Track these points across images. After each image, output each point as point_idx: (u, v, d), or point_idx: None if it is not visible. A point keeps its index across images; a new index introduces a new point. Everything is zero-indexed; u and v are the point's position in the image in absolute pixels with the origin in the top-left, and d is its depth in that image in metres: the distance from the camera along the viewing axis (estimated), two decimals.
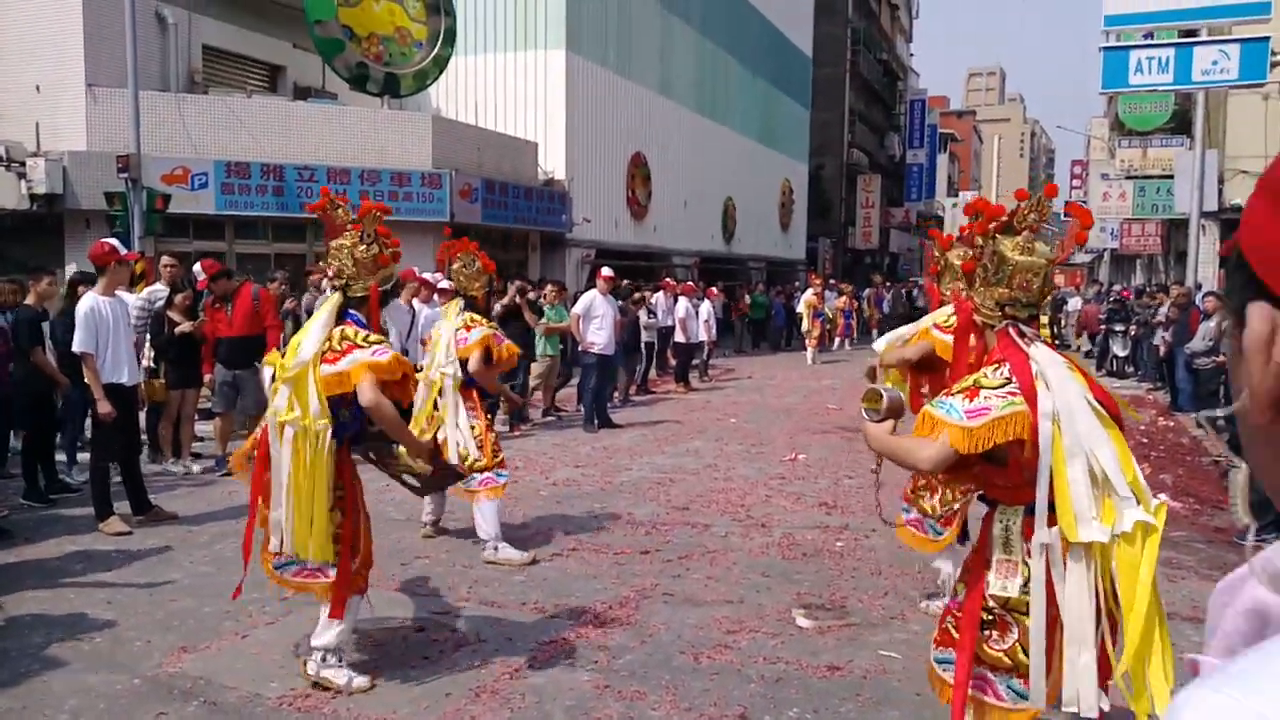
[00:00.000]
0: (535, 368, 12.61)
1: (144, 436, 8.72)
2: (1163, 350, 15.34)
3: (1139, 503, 2.82)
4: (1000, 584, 3.04)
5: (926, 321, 5.00)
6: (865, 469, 9.69)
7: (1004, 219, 3.13)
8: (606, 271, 12.64)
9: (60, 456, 8.65)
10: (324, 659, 4.34)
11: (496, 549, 6.30)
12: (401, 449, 4.57)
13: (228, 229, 15.39)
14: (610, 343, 12.20)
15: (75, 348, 6.79)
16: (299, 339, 4.32)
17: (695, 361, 17.59)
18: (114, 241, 7.27)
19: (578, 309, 12.21)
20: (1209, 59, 14.70)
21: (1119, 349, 18.87)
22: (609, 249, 22.54)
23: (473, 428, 6.50)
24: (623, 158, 23.83)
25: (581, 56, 21.62)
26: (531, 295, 12.77)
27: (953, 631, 3.24)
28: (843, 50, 45.52)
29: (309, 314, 11.08)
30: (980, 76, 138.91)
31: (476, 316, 6.69)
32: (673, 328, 16.77)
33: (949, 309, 4.63)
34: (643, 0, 24.62)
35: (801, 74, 39.15)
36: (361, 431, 4.41)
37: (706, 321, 17.00)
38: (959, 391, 2.97)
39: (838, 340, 25.38)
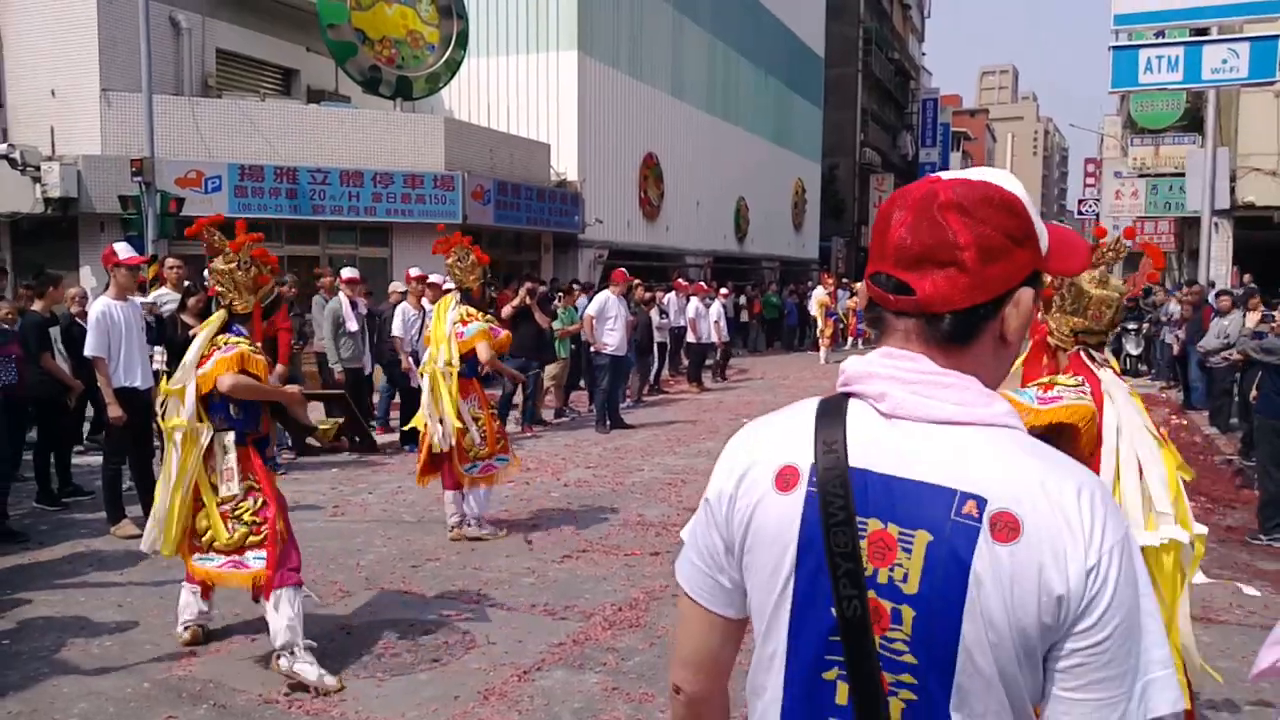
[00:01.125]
0: (550, 369, 12.62)
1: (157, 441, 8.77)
2: (1175, 348, 15.23)
3: (1177, 521, 3.01)
4: None
5: None
6: None
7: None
8: (622, 271, 12.63)
9: (84, 460, 8.74)
10: (291, 654, 4.42)
11: (481, 526, 6.88)
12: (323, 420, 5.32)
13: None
14: (623, 343, 12.20)
15: (87, 351, 6.81)
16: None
17: (709, 362, 17.58)
18: (119, 245, 7.29)
19: (591, 310, 12.20)
20: (1218, 58, 14.62)
21: (1132, 347, 18.75)
22: (621, 249, 22.55)
23: (476, 419, 6.78)
24: (635, 158, 23.83)
25: (593, 58, 21.64)
26: (555, 304, 12.87)
27: None
28: (855, 50, 45.40)
29: (309, 325, 11.14)
30: (993, 75, 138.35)
31: (472, 310, 6.91)
32: (685, 328, 16.76)
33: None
34: (654, 2, 24.62)
35: (814, 74, 39.07)
36: (258, 421, 4.80)
37: (717, 323, 16.97)
38: (1036, 385, 3.19)
39: (850, 339, 25.32)
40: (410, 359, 10.19)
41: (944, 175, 1.21)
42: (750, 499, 1.22)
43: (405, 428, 6.98)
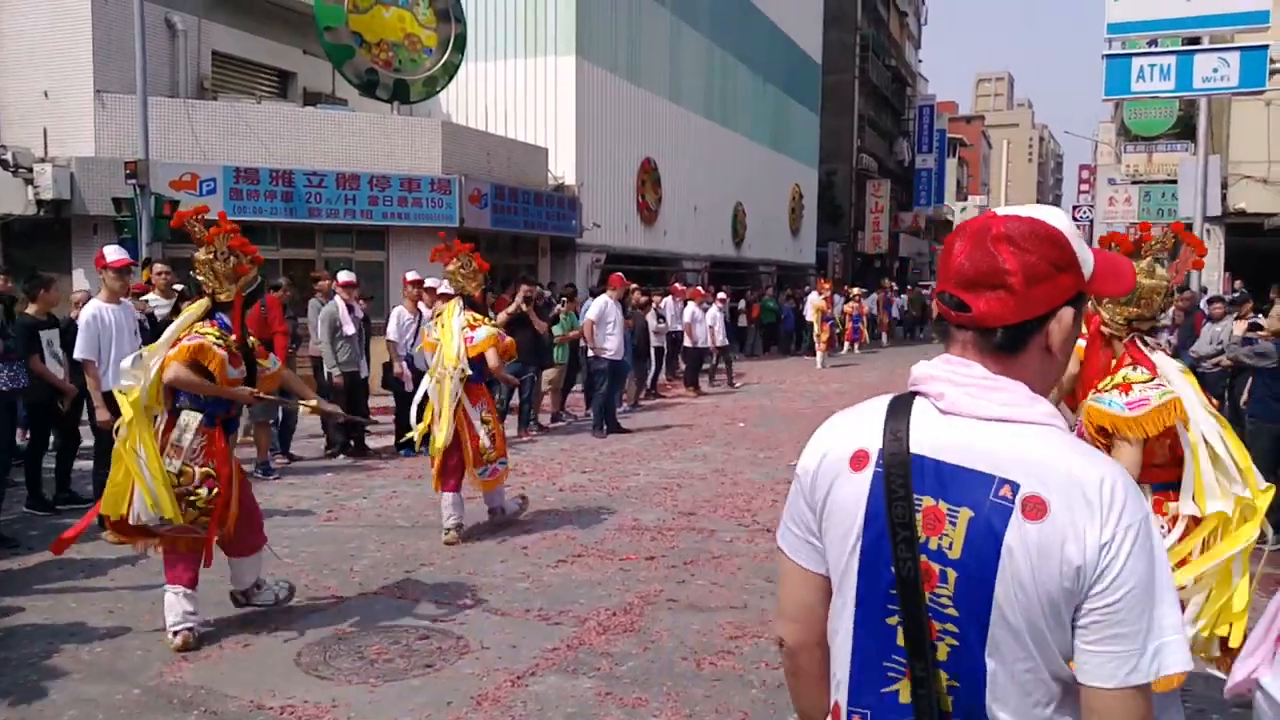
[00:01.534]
0: (548, 373, 12.59)
1: None
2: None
3: (1245, 485, 3.45)
4: None
5: None
6: None
7: (1133, 246, 3.72)
8: (619, 276, 12.59)
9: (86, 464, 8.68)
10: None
11: (504, 511, 7.27)
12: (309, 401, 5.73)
13: None
14: (621, 348, 12.19)
15: (76, 354, 6.78)
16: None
17: (705, 366, 17.55)
18: (109, 248, 7.26)
19: (590, 314, 12.18)
20: (1209, 66, 14.74)
21: None
22: (619, 254, 22.52)
23: (485, 421, 6.94)
24: (633, 163, 23.82)
25: (591, 63, 21.63)
26: (557, 309, 12.84)
27: None
28: (852, 57, 45.43)
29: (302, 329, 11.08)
30: (989, 82, 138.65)
31: (478, 316, 7.12)
32: (682, 332, 16.74)
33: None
34: (652, 7, 24.62)
35: (811, 80, 39.10)
36: (226, 404, 5.10)
37: (713, 327, 16.94)
38: (1112, 388, 3.48)
39: (846, 344, 25.32)
40: (404, 363, 10.15)
41: (999, 211, 1.45)
42: (829, 476, 1.50)
43: (409, 435, 7.03)
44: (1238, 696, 2.05)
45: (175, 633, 4.85)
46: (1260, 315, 10.80)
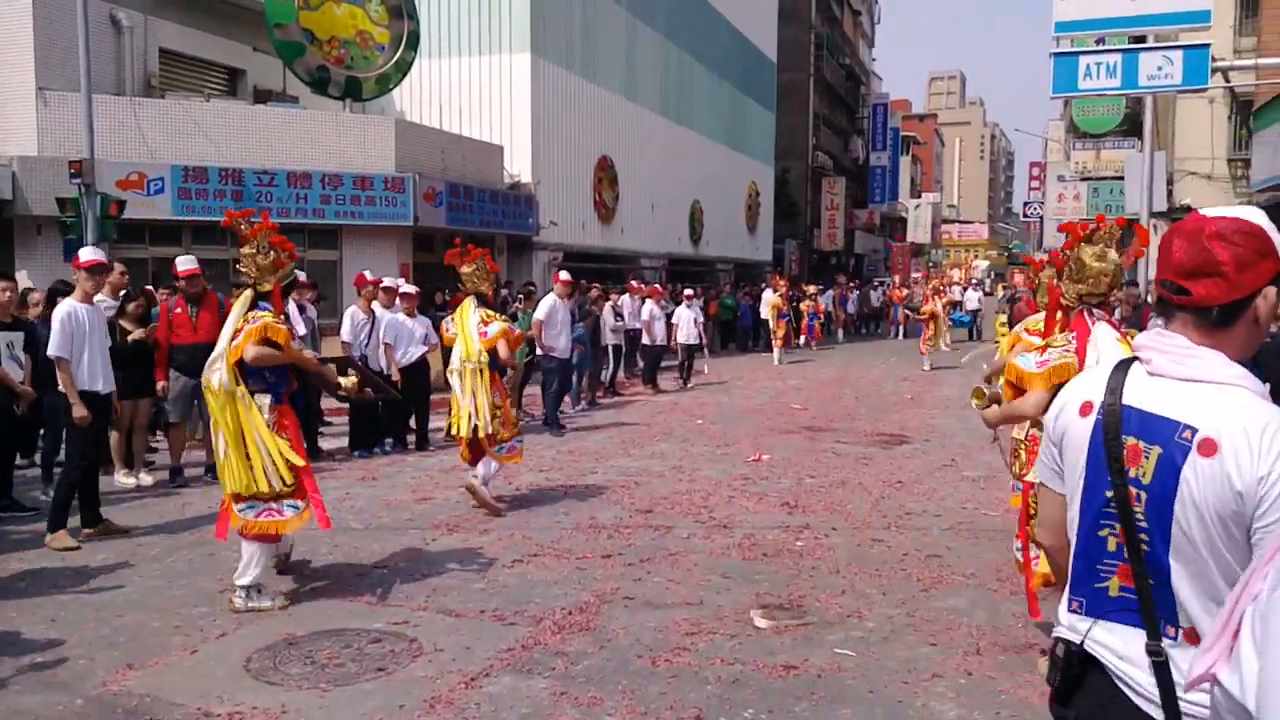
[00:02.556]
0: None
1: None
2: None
3: None
4: None
5: (1019, 328, 6.03)
6: (827, 468, 9.70)
7: (1086, 234, 4.47)
8: (565, 275, 12.52)
9: (33, 471, 8.49)
10: (248, 595, 5.41)
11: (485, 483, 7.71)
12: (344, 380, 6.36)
13: (185, 234, 15.14)
14: (568, 347, 12.21)
15: (51, 351, 6.65)
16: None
17: (675, 363, 17.70)
18: (84, 250, 7.17)
19: (539, 314, 12.13)
20: (1154, 65, 15.02)
21: None
22: (576, 252, 22.44)
23: (499, 407, 7.68)
24: (589, 161, 23.75)
25: (547, 60, 21.51)
26: (515, 307, 12.78)
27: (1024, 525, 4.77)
28: (806, 55, 45.70)
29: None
30: (941, 80, 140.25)
31: (491, 312, 7.86)
32: (640, 330, 16.74)
33: (1038, 316, 5.72)
34: (608, 5, 24.56)
35: (766, 78, 39.26)
36: (298, 387, 5.96)
37: (685, 324, 17.33)
38: (1034, 350, 4.43)
39: (803, 339, 25.48)
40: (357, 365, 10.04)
41: (1208, 212, 1.84)
42: (1065, 421, 2.00)
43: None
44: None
45: (276, 564, 5.95)
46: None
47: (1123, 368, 1.93)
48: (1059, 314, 4.67)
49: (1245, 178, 21.09)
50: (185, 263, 8.85)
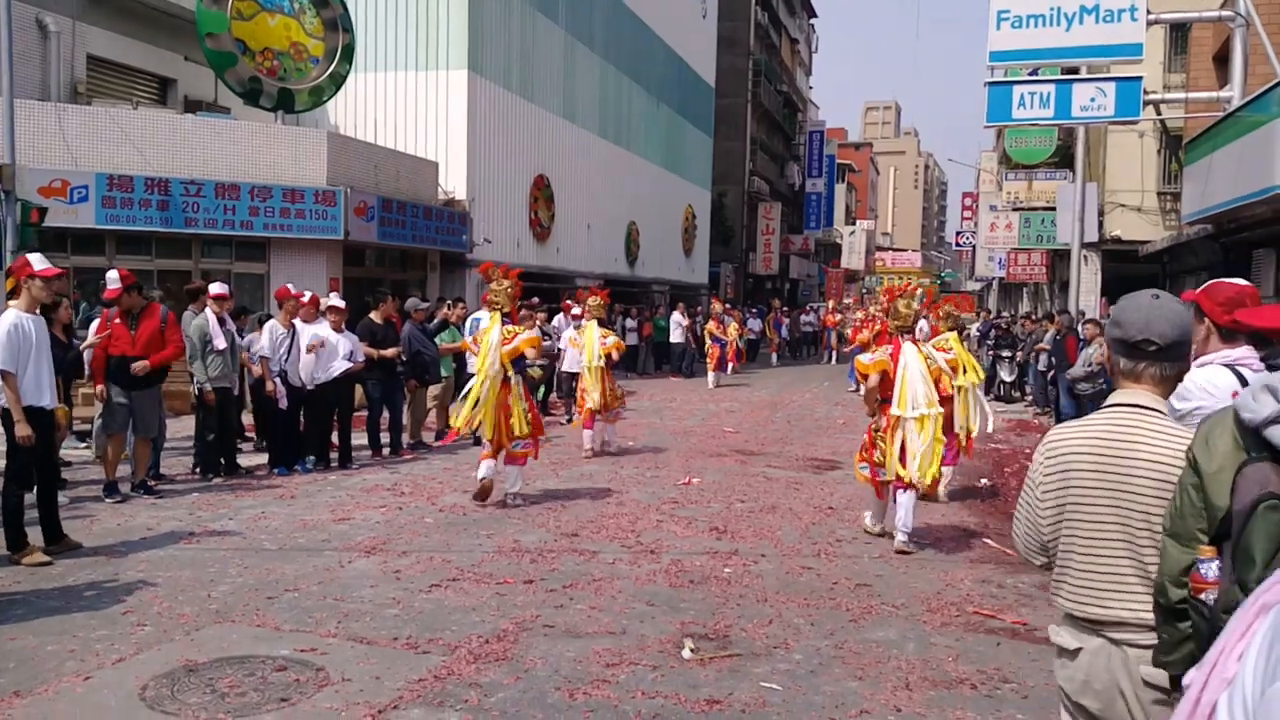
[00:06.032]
0: (433, 389, 12.32)
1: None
2: (1048, 375, 15.79)
3: (929, 407, 7.41)
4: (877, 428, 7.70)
5: (928, 345, 8.65)
6: (758, 492, 9.66)
7: (899, 293, 7.99)
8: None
9: None
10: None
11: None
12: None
13: (109, 244, 14.72)
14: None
15: None
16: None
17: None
18: (34, 256, 6.87)
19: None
20: (1087, 96, 15.37)
21: (1005, 374, 19.35)
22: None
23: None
24: (526, 179, 23.64)
25: (484, 78, 21.39)
26: (449, 315, 12.59)
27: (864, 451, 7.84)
28: (744, 81, 46.24)
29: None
30: (877, 110, 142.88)
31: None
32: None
33: (942, 337, 9.94)
34: (546, 24, 24.53)
35: (705, 103, 39.60)
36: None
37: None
38: (869, 353, 8.11)
39: (730, 365, 25.55)
40: (277, 380, 9.77)
41: None
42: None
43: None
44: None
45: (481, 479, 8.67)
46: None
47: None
48: (886, 336, 8.49)
49: (1175, 211, 21.71)
50: (112, 280, 8.59)
